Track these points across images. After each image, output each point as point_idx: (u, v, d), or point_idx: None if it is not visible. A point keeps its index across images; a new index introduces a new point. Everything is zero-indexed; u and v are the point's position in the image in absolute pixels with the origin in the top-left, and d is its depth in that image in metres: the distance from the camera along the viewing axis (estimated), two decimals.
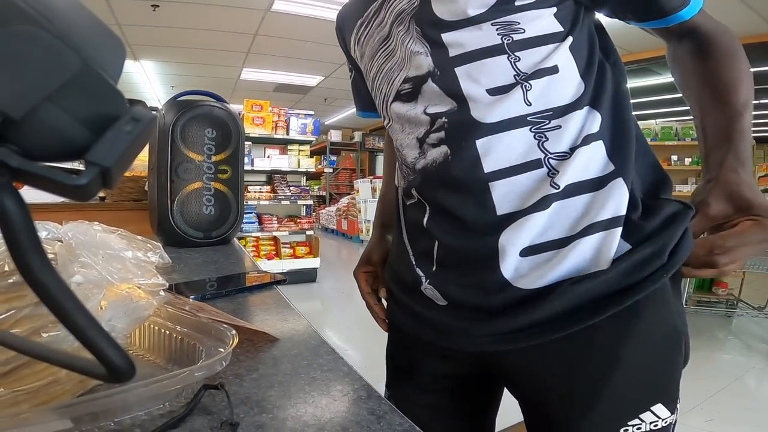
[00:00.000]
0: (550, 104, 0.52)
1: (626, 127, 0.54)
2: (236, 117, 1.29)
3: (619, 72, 0.57)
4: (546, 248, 0.51)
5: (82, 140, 0.19)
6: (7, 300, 0.39)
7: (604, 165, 0.53)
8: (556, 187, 0.51)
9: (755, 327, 3.38)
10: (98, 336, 0.20)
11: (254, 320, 0.67)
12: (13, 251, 0.18)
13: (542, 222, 0.51)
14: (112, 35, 0.20)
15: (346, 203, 8.16)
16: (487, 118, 0.52)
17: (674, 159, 5.05)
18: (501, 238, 0.52)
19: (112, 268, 0.48)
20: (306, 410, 0.41)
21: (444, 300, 0.58)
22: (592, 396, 0.52)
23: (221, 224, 1.28)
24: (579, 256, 0.50)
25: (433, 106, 0.56)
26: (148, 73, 6.60)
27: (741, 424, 2.07)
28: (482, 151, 0.52)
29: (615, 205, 0.51)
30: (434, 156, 0.56)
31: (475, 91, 0.53)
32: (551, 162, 0.52)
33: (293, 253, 4.70)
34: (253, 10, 4.41)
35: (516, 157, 0.52)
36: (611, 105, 0.55)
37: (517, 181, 0.52)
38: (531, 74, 0.52)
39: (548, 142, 0.52)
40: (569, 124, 0.52)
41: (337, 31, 0.75)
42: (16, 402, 0.37)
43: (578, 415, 0.52)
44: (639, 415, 0.51)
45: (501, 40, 0.52)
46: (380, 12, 0.62)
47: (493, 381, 0.69)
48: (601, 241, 0.50)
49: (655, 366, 0.52)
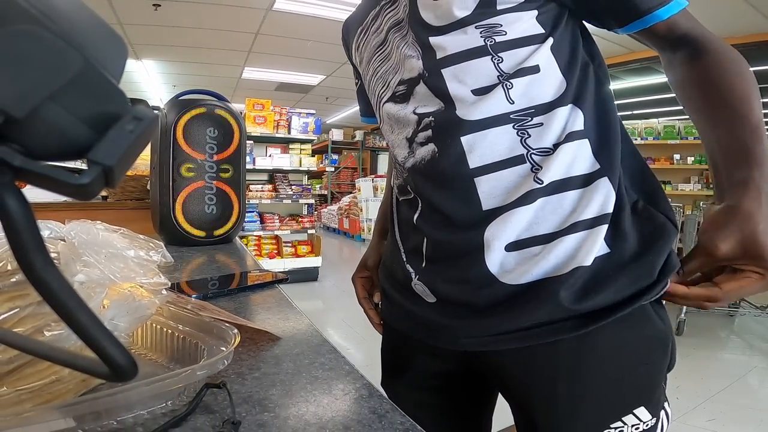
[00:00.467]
0: (532, 102, 0.53)
1: (611, 127, 0.55)
2: (238, 116, 1.30)
3: (603, 74, 0.58)
4: (532, 243, 0.52)
5: (84, 139, 0.19)
6: (10, 299, 0.39)
7: (590, 163, 0.53)
8: (540, 182, 0.52)
9: (758, 326, 3.37)
10: (101, 335, 0.20)
11: (256, 319, 0.67)
12: (15, 250, 0.18)
13: (528, 217, 0.52)
14: (114, 34, 0.20)
15: (347, 202, 8.17)
16: (471, 115, 0.54)
17: (677, 158, 5.04)
18: (486, 232, 0.53)
19: (114, 267, 0.48)
20: (308, 409, 0.41)
21: (433, 296, 0.59)
22: (574, 400, 0.52)
23: (223, 223, 1.28)
24: (564, 253, 0.51)
25: (422, 106, 0.58)
26: (150, 73, 6.60)
27: (743, 423, 2.06)
28: (467, 148, 0.54)
29: (600, 203, 0.51)
30: (423, 154, 0.58)
31: (461, 91, 0.55)
32: (534, 158, 0.53)
33: (295, 252, 4.71)
34: (254, 9, 4.41)
35: (500, 153, 0.53)
36: (594, 103, 0.55)
37: (501, 176, 0.53)
38: (513, 74, 0.53)
39: (530, 138, 0.53)
40: (551, 120, 0.53)
41: (343, 40, 0.79)
42: (19, 401, 0.37)
43: (561, 419, 0.53)
44: (621, 418, 0.52)
45: (484, 42, 0.54)
46: (377, 19, 0.65)
47: (484, 381, 0.69)
48: (585, 238, 0.51)
49: (638, 369, 0.53)
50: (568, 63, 0.55)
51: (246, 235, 4.43)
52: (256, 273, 0.94)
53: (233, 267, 1.03)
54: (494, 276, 0.53)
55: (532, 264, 0.51)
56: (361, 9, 0.70)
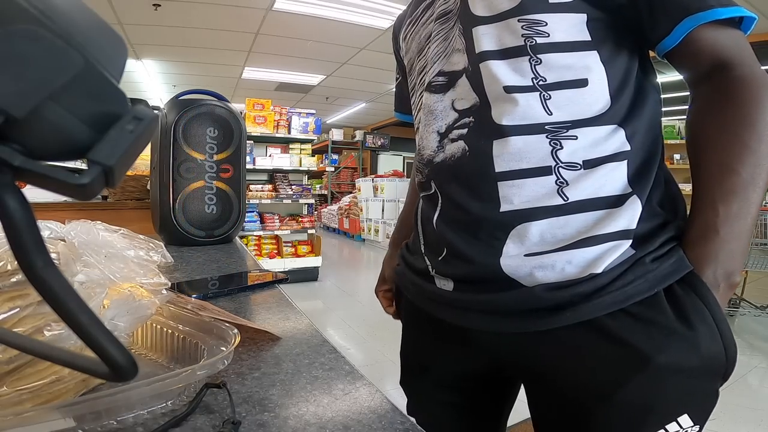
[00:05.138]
0: (571, 116, 0.52)
1: (654, 157, 0.53)
2: (238, 116, 1.30)
3: (658, 100, 0.56)
4: (550, 251, 0.52)
5: (84, 139, 0.19)
6: (10, 299, 0.39)
7: (623, 186, 0.52)
8: (564, 198, 0.51)
9: (758, 326, 3.36)
10: (101, 335, 0.20)
11: (256, 319, 0.67)
12: (16, 250, 0.18)
13: (546, 227, 0.52)
14: (115, 34, 0.20)
15: (347, 202, 8.16)
16: (506, 120, 0.53)
17: (677, 158, 5.05)
18: (504, 237, 0.53)
19: (114, 267, 0.48)
20: (308, 409, 0.41)
21: (450, 285, 0.59)
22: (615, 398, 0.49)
23: (223, 223, 1.28)
24: (583, 261, 0.50)
25: (460, 101, 0.58)
26: (150, 72, 6.60)
27: (744, 423, 2.06)
28: (497, 151, 0.53)
29: (626, 220, 0.51)
30: (453, 151, 0.58)
31: (497, 91, 0.54)
32: (561, 171, 0.52)
33: (295, 252, 4.71)
34: (254, 9, 4.41)
35: (527, 162, 0.52)
36: (644, 130, 0.53)
37: (525, 185, 0.52)
38: (555, 83, 0.52)
39: (562, 150, 0.52)
40: (587, 137, 0.52)
41: (393, 34, 0.80)
42: (19, 401, 0.37)
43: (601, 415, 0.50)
44: (665, 426, 0.49)
45: (524, 42, 0.52)
46: (427, 12, 0.65)
47: (508, 380, 0.70)
48: (607, 251, 0.50)
49: (690, 382, 0.49)
50: (621, 83, 0.53)
51: (246, 235, 4.43)
52: (256, 273, 0.94)
53: (233, 267, 1.03)
54: (510, 277, 0.53)
55: (549, 269, 0.51)
56: (413, 3, 0.71)
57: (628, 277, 0.49)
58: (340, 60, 5.89)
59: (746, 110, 0.48)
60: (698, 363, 0.48)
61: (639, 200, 0.51)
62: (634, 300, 0.49)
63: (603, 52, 0.53)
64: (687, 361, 0.47)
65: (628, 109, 0.53)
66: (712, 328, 0.48)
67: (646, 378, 0.48)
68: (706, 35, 0.49)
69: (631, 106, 0.54)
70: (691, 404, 0.50)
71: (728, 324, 0.49)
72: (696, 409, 0.50)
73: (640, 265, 0.50)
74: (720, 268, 0.49)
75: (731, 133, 0.49)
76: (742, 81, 0.49)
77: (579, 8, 0.52)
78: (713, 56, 0.50)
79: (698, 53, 0.51)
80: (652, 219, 0.52)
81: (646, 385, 0.48)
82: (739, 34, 0.50)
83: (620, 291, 0.49)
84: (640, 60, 0.56)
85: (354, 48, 5.48)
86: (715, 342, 0.48)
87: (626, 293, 0.49)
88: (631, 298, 0.49)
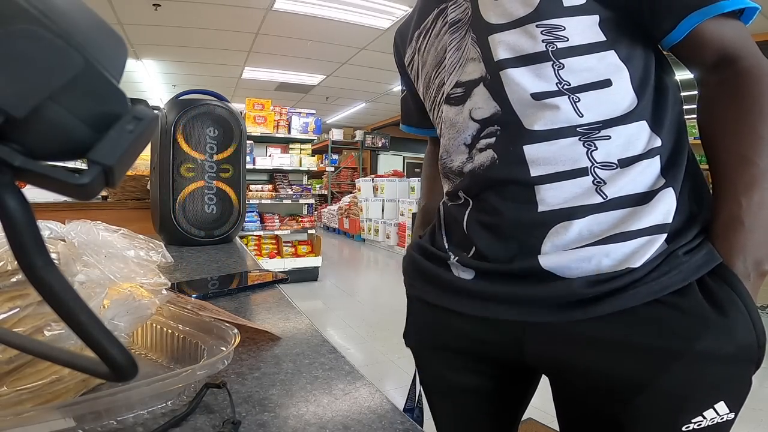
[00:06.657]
0: (602, 116, 0.53)
1: (682, 150, 0.54)
2: (238, 116, 1.30)
3: (678, 92, 0.57)
4: (587, 244, 0.52)
5: (84, 139, 0.19)
6: (10, 299, 0.39)
7: (657, 181, 0.53)
8: (604, 196, 0.52)
9: None
10: (101, 335, 0.20)
11: (256, 319, 0.67)
12: (16, 250, 0.18)
13: (585, 225, 0.52)
14: (115, 34, 0.20)
15: (347, 202, 8.17)
16: (536, 125, 0.53)
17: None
18: (542, 235, 0.53)
19: (114, 267, 0.48)
20: (308, 409, 0.41)
21: (470, 275, 0.59)
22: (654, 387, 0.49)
23: (223, 223, 1.28)
24: (621, 254, 0.51)
25: (477, 110, 0.58)
26: (150, 72, 6.60)
27: (744, 422, 2.06)
28: (530, 157, 0.54)
29: (662, 214, 0.51)
30: (482, 160, 0.58)
31: (522, 97, 0.54)
32: (597, 171, 0.52)
33: (295, 252, 4.71)
34: (254, 9, 4.40)
35: (563, 164, 0.53)
36: (672, 122, 0.54)
37: (563, 187, 0.53)
38: (581, 85, 0.53)
39: (597, 151, 0.52)
40: (620, 135, 0.52)
41: (395, 48, 0.78)
42: (19, 401, 0.37)
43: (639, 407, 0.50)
44: (702, 413, 0.49)
45: (546, 48, 0.53)
46: (437, 22, 0.64)
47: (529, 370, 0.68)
48: (644, 244, 0.51)
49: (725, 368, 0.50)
50: (642, 79, 0.54)
51: (246, 235, 4.43)
52: (256, 273, 0.94)
53: (233, 267, 1.03)
54: (548, 271, 0.53)
55: (585, 264, 0.51)
56: (417, 13, 0.69)
57: (663, 268, 0.50)
58: (340, 60, 5.88)
59: (756, 102, 0.50)
60: (734, 350, 0.48)
61: (673, 193, 0.52)
62: (669, 290, 0.49)
63: (620, 50, 0.53)
64: (724, 348, 0.48)
65: (654, 104, 0.54)
66: (745, 316, 0.48)
67: (683, 366, 0.48)
68: (710, 28, 0.50)
69: (656, 101, 0.54)
70: (727, 391, 0.50)
71: (759, 313, 0.50)
72: (732, 396, 0.50)
73: (673, 258, 0.50)
74: (749, 258, 0.49)
75: (744, 125, 0.50)
76: (750, 73, 0.50)
77: (591, 10, 0.53)
78: (719, 49, 0.51)
79: (703, 46, 0.52)
80: (683, 212, 0.53)
81: (684, 373, 0.48)
82: (741, 25, 0.51)
83: (656, 282, 0.49)
84: (656, 55, 0.57)
85: (354, 48, 5.48)
86: (749, 330, 0.49)
87: (661, 284, 0.49)
88: (666, 288, 0.49)
